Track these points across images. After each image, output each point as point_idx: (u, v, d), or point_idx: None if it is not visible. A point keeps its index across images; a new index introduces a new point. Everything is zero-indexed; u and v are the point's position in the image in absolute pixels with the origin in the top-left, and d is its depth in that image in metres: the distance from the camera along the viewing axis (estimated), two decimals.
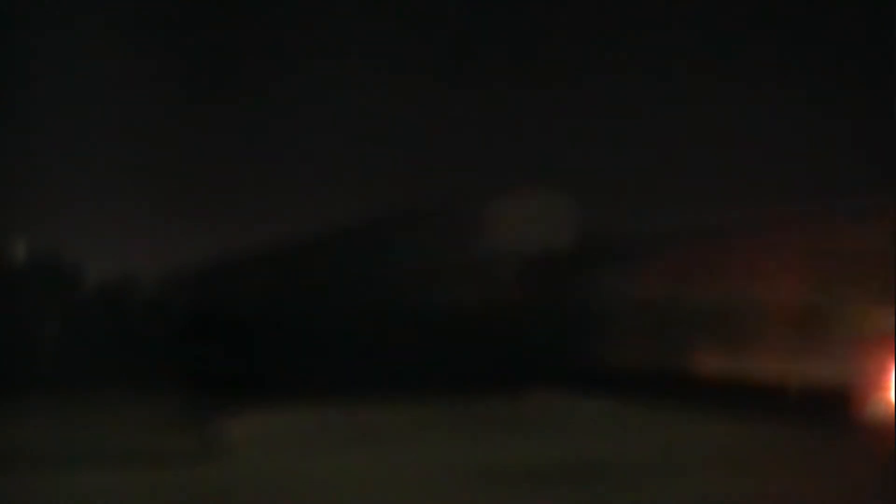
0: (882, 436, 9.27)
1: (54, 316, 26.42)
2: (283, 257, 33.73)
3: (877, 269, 10.56)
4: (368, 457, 8.38)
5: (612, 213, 17.30)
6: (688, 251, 15.22)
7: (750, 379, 11.54)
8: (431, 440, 9.50)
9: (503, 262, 17.95)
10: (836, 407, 10.31)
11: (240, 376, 16.84)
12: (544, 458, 8.29)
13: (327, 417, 11.25)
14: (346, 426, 10.46)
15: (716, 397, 11.64)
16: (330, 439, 9.49)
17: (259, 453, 8.53)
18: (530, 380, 14.80)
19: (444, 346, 19.48)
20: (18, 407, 11.74)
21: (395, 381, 16.23)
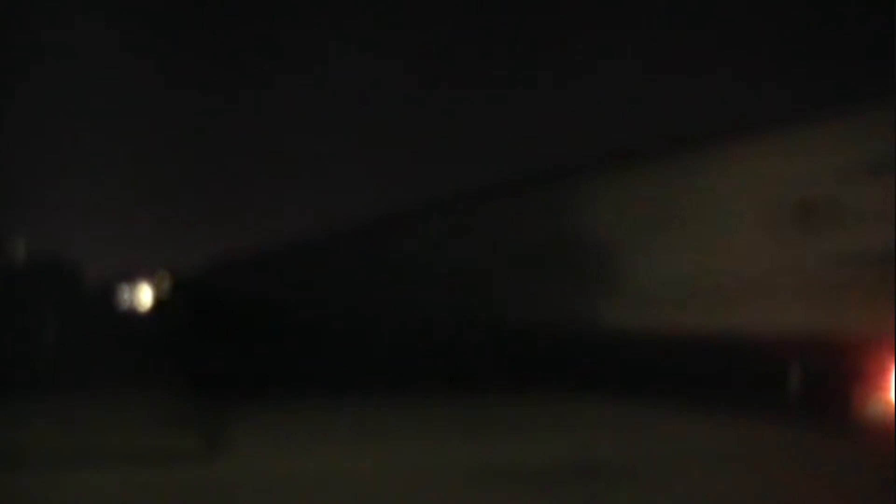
0: (882, 436, 9.28)
1: (54, 316, 26.45)
2: (283, 258, 33.82)
3: None
4: (369, 456, 8.38)
5: None
6: None
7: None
8: (432, 440, 9.52)
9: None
10: (835, 407, 10.32)
11: (240, 375, 16.86)
12: (544, 458, 8.31)
13: (328, 417, 11.26)
14: (347, 426, 10.46)
15: (716, 397, 11.67)
16: (331, 439, 9.49)
17: (259, 453, 8.53)
18: (531, 380, 14.82)
19: (444, 346, 19.50)
20: (18, 407, 11.75)
21: (396, 380, 16.25)
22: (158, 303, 58.68)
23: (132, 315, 52.47)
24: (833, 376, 10.54)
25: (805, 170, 11.49)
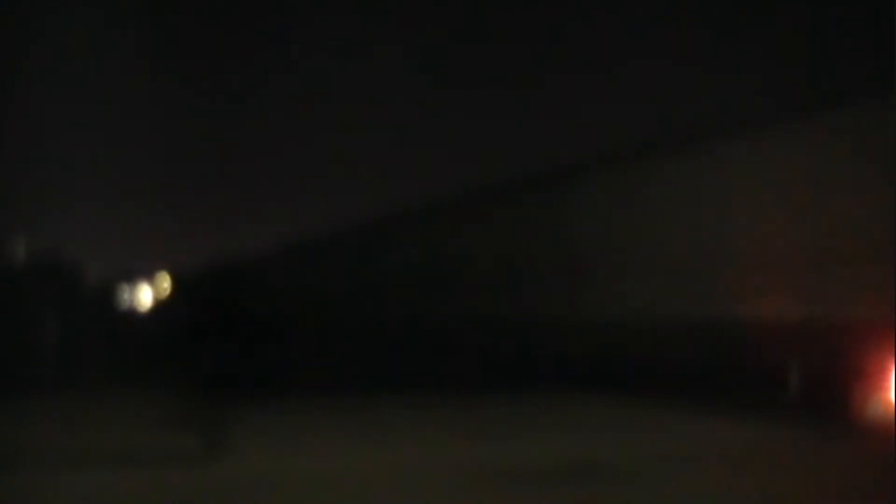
0: (882, 436, 9.28)
1: (54, 316, 26.46)
2: (283, 259, 33.82)
3: None
4: (369, 456, 8.39)
5: None
6: None
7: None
8: (432, 440, 9.51)
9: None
10: (835, 407, 10.32)
11: (240, 376, 16.86)
12: (544, 458, 8.31)
13: (329, 417, 11.26)
14: (347, 426, 10.46)
15: (716, 397, 11.67)
16: (331, 439, 9.49)
17: (259, 453, 8.53)
18: (530, 380, 14.82)
19: (444, 346, 19.50)
20: (18, 407, 11.75)
21: (397, 380, 16.26)
22: (158, 303, 58.66)
23: (132, 315, 52.48)
24: (833, 376, 10.55)
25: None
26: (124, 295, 59.88)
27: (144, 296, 61.31)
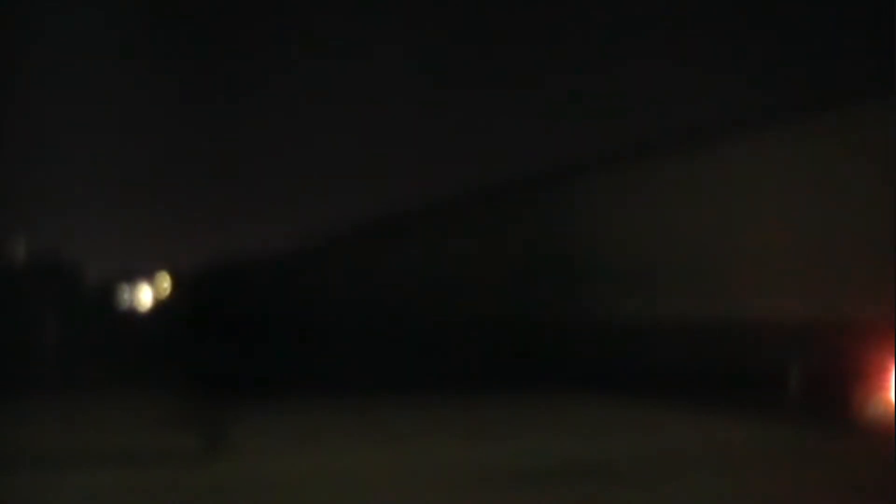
0: (882, 436, 9.28)
1: (54, 316, 26.47)
2: (284, 258, 33.80)
3: None
4: (369, 456, 8.39)
5: None
6: None
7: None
8: (432, 440, 9.51)
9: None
10: (835, 407, 10.32)
11: (241, 375, 16.86)
12: (544, 458, 8.31)
13: (329, 417, 11.26)
14: (347, 426, 10.46)
15: (716, 397, 11.67)
16: (332, 439, 9.49)
17: (260, 453, 8.53)
18: (530, 380, 14.82)
19: (445, 346, 19.49)
20: (18, 407, 11.76)
21: (397, 380, 16.26)
22: (158, 303, 58.68)
23: (132, 315, 52.51)
24: (833, 376, 10.55)
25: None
26: (124, 295, 59.91)
27: (144, 296, 61.35)
